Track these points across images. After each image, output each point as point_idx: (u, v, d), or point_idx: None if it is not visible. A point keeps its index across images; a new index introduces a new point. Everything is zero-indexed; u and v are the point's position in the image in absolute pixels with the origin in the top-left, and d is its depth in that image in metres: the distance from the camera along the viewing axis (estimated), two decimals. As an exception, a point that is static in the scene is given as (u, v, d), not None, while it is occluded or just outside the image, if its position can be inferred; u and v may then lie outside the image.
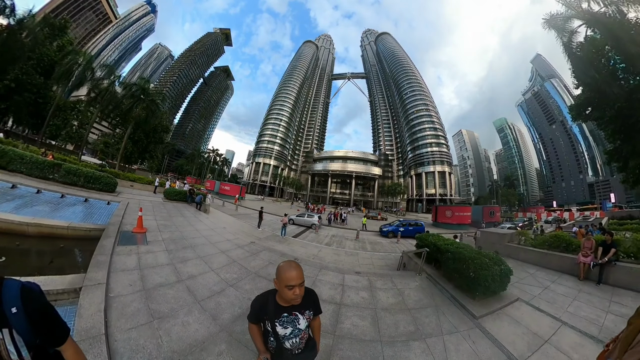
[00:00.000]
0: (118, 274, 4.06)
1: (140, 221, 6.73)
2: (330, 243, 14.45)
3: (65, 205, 8.07)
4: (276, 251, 7.78)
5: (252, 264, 6.04)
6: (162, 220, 8.77)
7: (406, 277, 5.96)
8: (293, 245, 11.38)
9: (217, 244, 7.20)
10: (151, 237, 6.44)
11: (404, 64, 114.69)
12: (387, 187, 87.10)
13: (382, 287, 5.17)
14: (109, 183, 12.40)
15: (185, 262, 5.23)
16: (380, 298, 4.59)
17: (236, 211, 23.32)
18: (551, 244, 8.67)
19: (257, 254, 6.94)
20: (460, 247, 5.74)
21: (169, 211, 11.07)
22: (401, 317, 3.92)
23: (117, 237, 5.72)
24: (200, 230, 8.51)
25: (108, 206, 9.21)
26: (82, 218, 7.19)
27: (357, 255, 10.95)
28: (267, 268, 5.83)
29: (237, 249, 7.05)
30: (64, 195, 9.09)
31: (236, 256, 6.37)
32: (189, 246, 6.38)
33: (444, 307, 4.47)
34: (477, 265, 4.73)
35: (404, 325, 3.69)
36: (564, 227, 22.31)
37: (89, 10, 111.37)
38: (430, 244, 6.73)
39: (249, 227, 14.15)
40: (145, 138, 32.73)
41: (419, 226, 20.36)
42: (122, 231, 6.29)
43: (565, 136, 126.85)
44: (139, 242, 5.77)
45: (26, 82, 26.41)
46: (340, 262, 9.40)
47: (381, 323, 3.68)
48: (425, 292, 5.09)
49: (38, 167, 11.40)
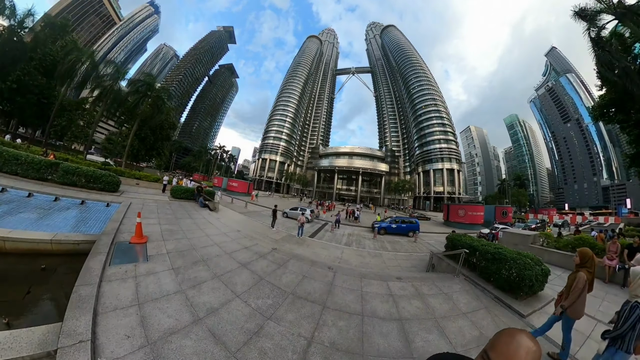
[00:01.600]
0: (109, 318, 2.96)
1: (139, 229, 5.62)
2: (350, 243, 13.94)
3: (57, 211, 7.12)
4: (302, 258, 6.73)
5: (284, 279, 4.95)
6: (167, 225, 7.67)
7: (445, 280, 5.88)
8: (314, 248, 10.77)
9: (235, 254, 6.08)
10: (153, 248, 5.34)
11: (411, 57, 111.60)
12: (394, 184, 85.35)
13: (429, 292, 5.03)
14: (110, 182, 11.45)
15: (200, 286, 4.08)
16: (434, 305, 4.45)
17: (246, 208, 22.52)
18: (575, 246, 8.76)
19: (284, 265, 5.84)
20: (500, 248, 5.74)
21: (175, 212, 10.01)
22: (462, 323, 3.91)
23: (111, 251, 4.66)
24: (212, 236, 7.37)
25: (107, 208, 8.26)
26: (73, 226, 6.15)
27: (382, 257, 10.69)
28: (303, 285, 4.84)
29: (259, 260, 5.92)
30: (57, 198, 8.18)
31: (261, 270, 5.27)
32: (200, 260, 5.23)
33: (493, 308, 4.59)
34: (520, 265, 4.94)
35: (468, 331, 3.69)
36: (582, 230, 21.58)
37: (92, 14, 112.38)
38: (466, 245, 6.60)
39: (262, 227, 13.42)
40: (152, 135, 32.02)
41: (412, 224, 19.17)
42: (117, 242, 5.21)
43: (580, 135, 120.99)
44: (138, 258, 4.69)
45: (28, 82, 26.18)
46: (367, 264, 9.10)
47: (448, 332, 3.63)
48: (470, 295, 5.08)
49: (34, 167, 10.57)
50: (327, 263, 6.91)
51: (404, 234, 18.26)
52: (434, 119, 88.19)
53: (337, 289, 4.72)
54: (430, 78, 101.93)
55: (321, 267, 5.97)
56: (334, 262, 8.19)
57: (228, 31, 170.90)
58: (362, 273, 6.01)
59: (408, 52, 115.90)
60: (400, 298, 4.59)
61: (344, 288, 4.83)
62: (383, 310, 4.04)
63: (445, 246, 8.10)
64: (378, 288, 4.97)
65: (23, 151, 12.38)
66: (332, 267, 6.10)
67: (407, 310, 4.12)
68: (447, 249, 7.77)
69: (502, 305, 4.71)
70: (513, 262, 5.04)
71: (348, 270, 6.18)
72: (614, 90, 15.18)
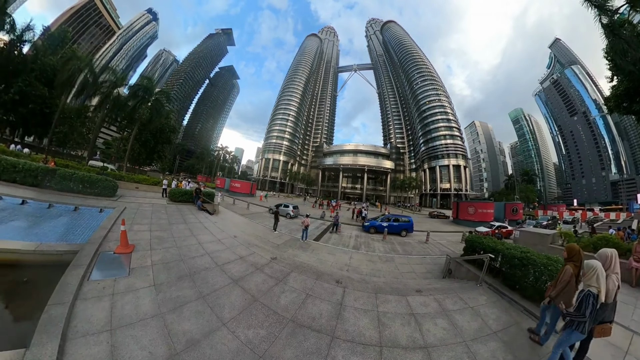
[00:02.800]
0: (78, 345, 2.59)
1: (124, 238, 5.21)
2: (358, 246, 13.04)
3: (49, 218, 6.87)
4: (306, 269, 6.09)
5: (283, 300, 4.25)
6: (158, 231, 7.20)
7: (468, 290, 5.36)
8: (320, 253, 10.08)
9: (227, 267, 5.47)
10: (138, 259, 4.90)
11: (413, 53, 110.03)
12: (400, 182, 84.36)
13: (453, 307, 4.51)
14: (107, 187, 11.21)
15: (182, 308, 3.55)
16: (461, 324, 3.96)
17: (247, 210, 22.11)
18: (597, 246, 8.17)
19: (284, 280, 5.19)
20: (527, 252, 5.20)
21: (170, 216, 9.60)
22: (494, 346, 3.46)
23: (92, 263, 4.31)
24: (205, 244, 6.84)
25: (100, 214, 7.99)
26: (62, 234, 5.86)
27: (394, 261, 10.01)
28: (306, 307, 4.09)
29: (255, 274, 5.28)
30: (51, 205, 7.95)
31: (256, 287, 4.61)
32: (187, 274, 4.66)
33: (525, 323, 4.14)
34: (552, 272, 4.38)
35: (502, 355, 3.27)
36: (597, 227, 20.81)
37: (92, 25, 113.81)
38: (488, 248, 5.99)
39: (264, 230, 12.89)
40: (153, 139, 32.01)
41: (405, 222, 17.95)
42: (101, 252, 4.85)
43: (587, 129, 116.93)
44: (120, 271, 4.31)
45: (30, 93, 26.65)
46: (379, 271, 8.41)
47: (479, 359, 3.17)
48: (498, 307, 4.62)
49: (32, 174, 10.43)
50: (334, 275, 6.08)
51: (396, 233, 17.21)
52: (438, 114, 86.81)
53: (348, 311, 4.08)
54: (433, 73, 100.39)
55: (328, 282, 5.28)
56: (342, 271, 7.52)
57: (227, 33, 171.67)
58: (376, 286, 5.36)
59: (409, 48, 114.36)
60: (424, 318, 4.07)
61: (356, 309, 4.18)
62: (405, 337, 3.51)
63: (463, 249, 7.54)
64: (396, 306, 4.40)
65: (23, 159, 12.27)
66: (341, 281, 5.40)
67: (433, 334, 3.64)
68: (465, 252, 7.21)
69: (534, 319, 4.20)
70: (544, 268, 4.51)
71: (360, 284, 5.43)
72: (629, 79, 14.24)
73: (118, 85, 25.17)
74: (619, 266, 3.09)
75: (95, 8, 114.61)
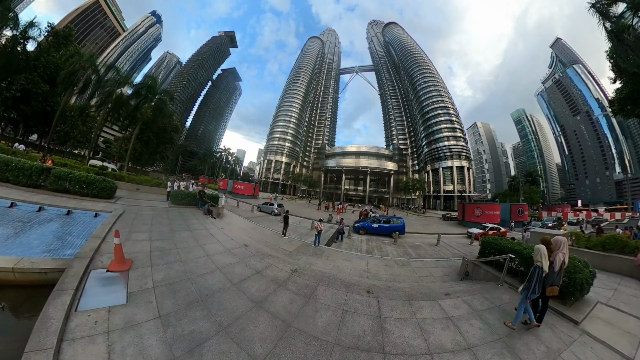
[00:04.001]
0: None
1: (118, 252, 4.31)
2: (371, 250, 12.58)
3: (37, 224, 5.99)
4: (331, 280, 5.46)
5: (319, 322, 3.63)
6: (160, 240, 6.30)
7: (491, 290, 5.52)
8: (335, 259, 9.53)
9: (245, 285, 4.58)
10: (137, 279, 4.02)
11: (415, 54, 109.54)
12: (404, 183, 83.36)
13: (482, 307, 4.64)
14: (104, 188, 10.32)
15: (200, 349, 2.70)
16: (494, 323, 4.09)
17: (252, 212, 21.37)
18: (606, 245, 8.56)
19: (313, 296, 4.48)
20: None
21: (172, 222, 8.75)
22: (527, 339, 3.72)
23: (82, 286, 3.46)
24: (214, 256, 5.96)
25: (95, 219, 7.11)
26: (49, 245, 4.93)
27: (410, 265, 9.96)
28: (346, 325, 3.63)
29: (279, 292, 4.49)
30: (42, 208, 7.09)
31: (284, 309, 3.85)
32: (198, 299, 3.77)
33: (548, 317, 4.27)
34: (570, 269, 4.59)
35: (536, 347, 3.50)
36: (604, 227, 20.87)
37: (97, 27, 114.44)
38: (507, 249, 6.09)
39: (273, 236, 12.17)
40: (155, 138, 31.27)
41: (397, 224, 17.35)
42: (92, 270, 3.99)
43: (590, 128, 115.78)
44: (115, 297, 3.42)
45: (32, 91, 26.29)
46: (399, 277, 8.31)
47: (518, 352, 3.35)
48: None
49: (25, 173, 9.61)
50: (360, 283, 5.75)
51: (387, 235, 16.67)
52: (441, 115, 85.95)
53: (389, 323, 3.85)
54: (435, 74, 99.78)
55: (359, 293, 4.76)
56: (362, 278, 7.26)
57: (229, 36, 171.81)
58: (406, 293, 5.33)
59: (411, 49, 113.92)
60: (459, 320, 4.15)
61: (396, 319, 4.01)
62: (449, 340, 3.53)
63: (480, 252, 7.56)
64: (432, 311, 4.41)
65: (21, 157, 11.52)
66: (372, 291, 4.93)
67: (472, 335, 3.75)
68: (482, 254, 7.29)
69: (554, 313, 4.49)
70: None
71: (391, 292, 5.14)
72: (633, 82, 14.49)
73: (121, 84, 24.62)
74: (567, 248, 4.05)
75: (101, 9, 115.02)
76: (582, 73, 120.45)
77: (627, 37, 13.61)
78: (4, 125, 30.88)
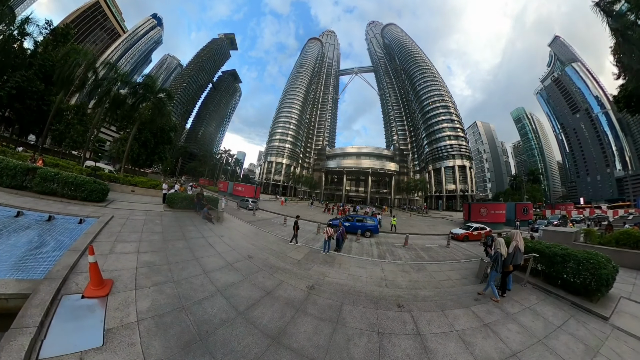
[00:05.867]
0: None
1: (95, 273, 3.41)
2: (383, 254, 11.93)
3: (11, 232, 5.18)
4: (355, 295, 4.91)
5: (356, 354, 3.01)
6: (149, 252, 5.34)
7: (516, 292, 5.43)
8: (349, 267, 8.83)
9: (254, 312, 3.72)
10: (117, 309, 3.14)
11: (414, 54, 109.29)
12: (405, 184, 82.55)
13: (513, 310, 4.56)
14: (95, 190, 9.49)
15: None
16: (529, 325, 3.97)
17: (254, 216, 20.60)
18: (620, 241, 8.66)
19: (340, 319, 3.78)
20: (566, 249, 5.40)
21: (166, 229, 7.83)
22: (565, 339, 3.59)
23: (49, 319, 2.66)
24: (213, 273, 5.03)
25: (79, 226, 6.29)
26: (18, 260, 4.05)
27: (426, 269, 9.54)
28: (387, 351, 3.20)
29: (299, 319, 3.72)
30: (20, 212, 6.31)
31: (310, 343, 3.06)
32: (196, 337, 2.89)
33: (578, 315, 4.29)
34: (594, 265, 4.61)
35: (574, 346, 3.44)
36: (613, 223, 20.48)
37: (97, 28, 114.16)
38: (529, 249, 6.03)
39: (277, 242, 11.50)
40: (153, 138, 30.48)
41: (370, 224, 17.07)
42: (64, 295, 3.15)
43: (590, 126, 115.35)
44: (88, 336, 2.56)
45: (28, 88, 25.59)
46: (418, 283, 7.80)
47: (560, 352, 3.28)
48: (551, 304, 4.72)
49: (9, 173, 8.87)
50: (384, 295, 5.41)
51: (361, 234, 15.99)
52: (442, 114, 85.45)
53: (430, 340, 3.52)
54: (435, 73, 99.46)
55: (389, 309, 4.22)
56: (382, 287, 6.70)
57: (229, 38, 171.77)
58: (437, 303, 4.92)
59: (410, 49, 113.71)
60: (496, 326, 4.03)
61: (436, 335, 3.70)
62: (493, 350, 3.42)
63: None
64: (467, 320, 4.21)
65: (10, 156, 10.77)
66: (402, 304, 4.44)
67: (513, 340, 3.67)
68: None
69: (583, 311, 4.48)
70: (586, 262, 4.70)
71: (419, 303, 4.81)
72: (638, 78, 14.69)
73: (119, 82, 23.92)
74: (520, 238, 5.41)
75: (101, 10, 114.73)
76: (581, 71, 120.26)
77: (631, 34, 13.99)
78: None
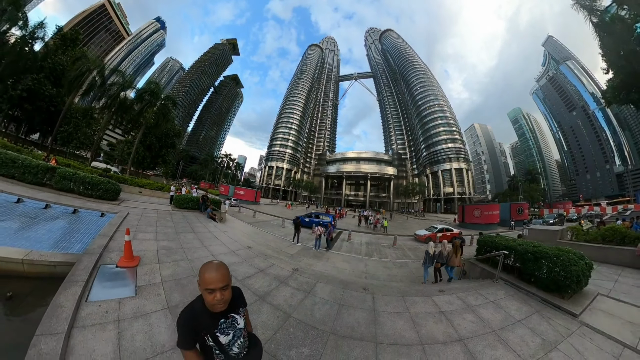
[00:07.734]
0: None
1: (128, 249, 4.42)
2: (370, 253, 12.75)
3: (44, 220, 6.04)
4: (329, 279, 5.62)
5: (317, 313, 3.82)
6: (166, 240, 6.42)
7: (486, 287, 5.49)
8: (335, 262, 9.77)
9: (250, 282, 4.82)
10: (145, 274, 4.15)
11: (411, 60, 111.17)
12: (404, 187, 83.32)
13: (476, 303, 4.66)
14: (109, 189, 10.42)
15: None
16: (487, 317, 4.13)
17: (254, 218, 21.39)
18: (605, 237, 8.52)
19: (312, 291, 4.65)
20: (539, 246, 5.36)
21: (177, 224, 8.82)
22: (521, 332, 3.68)
23: (92, 279, 3.49)
24: (219, 256, 6.09)
25: (101, 219, 7.14)
26: (57, 240, 4.99)
27: (408, 266, 10.16)
28: (342, 317, 3.84)
29: (281, 287, 4.74)
30: (48, 205, 7.14)
31: (285, 303, 4.08)
32: None
33: (544, 311, 4.34)
34: (564, 261, 4.61)
35: (530, 339, 3.49)
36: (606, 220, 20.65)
37: (102, 30, 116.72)
38: (502, 246, 6.13)
39: (275, 240, 12.44)
40: (158, 142, 31.50)
41: (324, 219, 19.20)
42: (101, 265, 4.04)
43: (588, 123, 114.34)
44: (125, 289, 3.50)
45: (38, 91, 26.56)
46: (395, 277, 8.70)
47: (512, 344, 3.36)
48: (517, 299, 4.81)
49: (31, 171, 9.82)
50: (357, 282, 6.14)
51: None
52: (438, 119, 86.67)
53: (382, 316, 4.01)
54: (431, 79, 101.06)
55: (355, 290, 4.96)
56: (361, 279, 7.74)
57: (231, 43, 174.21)
58: (401, 290, 5.37)
59: (408, 55, 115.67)
60: (452, 314, 4.22)
61: (389, 313, 4.14)
62: (440, 333, 3.64)
63: (476, 250, 7.69)
64: (425, 306, 4.50)
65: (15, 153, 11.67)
66: (368, 288, 5.10)
67: (464, 328, 3.80)
68: (478, 253, 7.43)
69: (552, 307, 4.44)
70: (557, 259, 4.69)
71: (386, 289, 5.32)
72: (623, 72, 15.01)
73: (126, 88, 24.91)
74: (444, 247, 7.52)
75: (107, 13, 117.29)
76: (575, 68, 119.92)
77: (615, 27, 14.12)
78: (7, 123, 31.12)
